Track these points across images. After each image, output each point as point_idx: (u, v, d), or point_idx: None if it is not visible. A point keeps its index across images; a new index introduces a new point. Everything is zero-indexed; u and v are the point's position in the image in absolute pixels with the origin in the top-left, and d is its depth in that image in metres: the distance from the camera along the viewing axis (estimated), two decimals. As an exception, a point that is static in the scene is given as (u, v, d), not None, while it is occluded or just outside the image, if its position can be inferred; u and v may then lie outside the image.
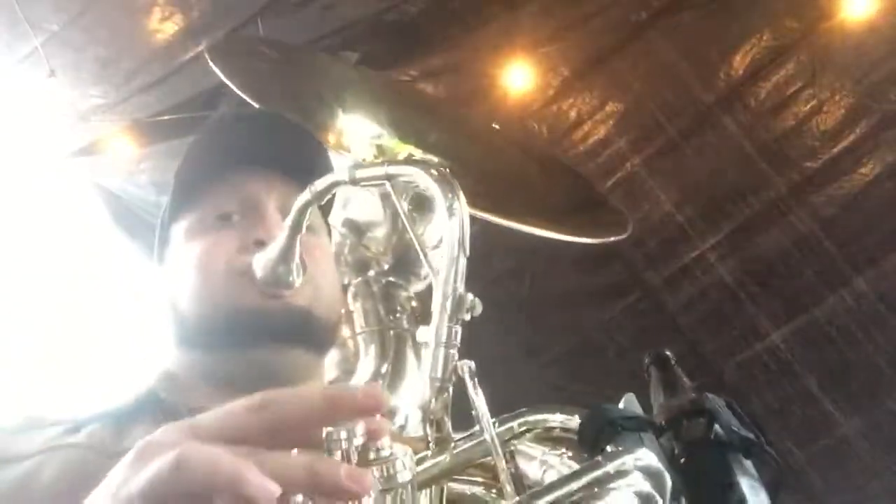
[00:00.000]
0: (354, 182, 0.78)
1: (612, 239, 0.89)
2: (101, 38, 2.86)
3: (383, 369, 0.80)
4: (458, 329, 0.71)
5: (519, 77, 3.16)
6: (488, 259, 3.25)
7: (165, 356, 1.05)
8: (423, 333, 0.71)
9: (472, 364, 0.71)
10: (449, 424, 0.70)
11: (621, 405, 0.79)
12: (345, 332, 1.04)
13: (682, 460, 0.72)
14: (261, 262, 0.89)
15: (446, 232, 0.72)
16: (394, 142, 0.95)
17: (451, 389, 0.70)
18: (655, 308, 3.56)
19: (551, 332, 3.69)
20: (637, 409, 0.79)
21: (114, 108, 3.04)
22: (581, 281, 3.51)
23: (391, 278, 0.88)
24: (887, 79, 3.04)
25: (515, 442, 0.71)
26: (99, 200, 3.42)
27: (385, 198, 0.82)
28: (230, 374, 0.96)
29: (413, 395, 0.80)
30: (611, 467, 0.62)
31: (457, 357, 0.70)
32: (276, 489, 0.52)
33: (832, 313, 3.38)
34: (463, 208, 0.72)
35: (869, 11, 2.93)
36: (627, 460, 0.63)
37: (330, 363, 1.08)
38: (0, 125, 3.18)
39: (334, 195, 0.84)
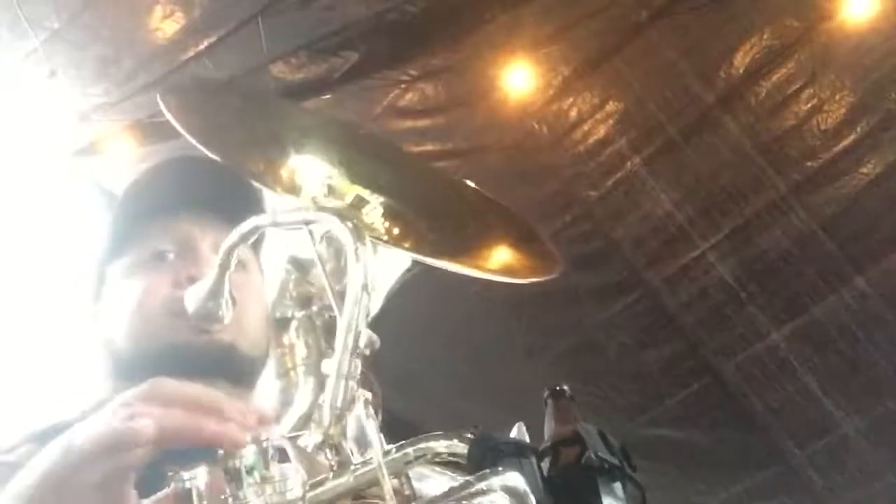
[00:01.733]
0: (276, 226, 0.86)
1: (543, 279, 0.96)
2: (102, 37, 2.86)
3: (320, 400, 0.86)
4: (358, 363, 0.79)
5: (519, 77, 3.16)
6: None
7: (99, 387, 1.11)
8: (326, 366, 0.79)
9: (369, 394, 0.79)
10: (348, 449, 0.77)
11: (513, 433, 0.89)
12: (287, 363, 1.12)
13: (556, 483, 0.79)
14: (192, 298, 0.95)
15: (351, 274, 0.81)
16: (344, 182, 1.00)
17: (348, 417, 0.78)
18: (655, 308, 3.56)
19: (551, 332, 3.69)
20: (525, 437, 0.90)
21: (115, 108, 3.04)
22: (581, 281, 3.51)
23: (333, 313, 0.93)
24: (887, 78, 3.05)
25: (411, 465, 0.79)
26: (99, 200, 3.41)
27: (328, 239, 0.89)
28: None
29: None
30: (477, 488, 0.69)
31: (356, 388, 0.78)
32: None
33: (832, 313, 3.39)
34: (368, 254, 0.81)
35: (869, 11, 2.93)
36: (494, 481, 0.70)
37: (272, 393, 1.14)
38: (0, 125, 3.18)
39: (263, 235, 0.93)
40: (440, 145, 3.24)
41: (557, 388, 0.96)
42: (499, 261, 1.04)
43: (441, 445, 0.79)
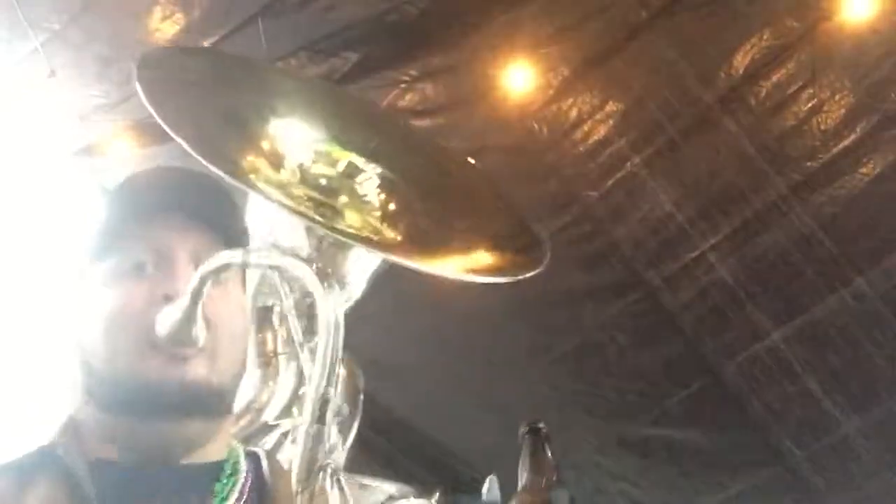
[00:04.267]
0: (246, 265, 0.86)
1: (527, 275, 0.94)
2: (102, 38, 2.86)
3: (301, 390, 0.84)
4: (325, 430, 0.79)
5: (519, 77, 3.16)
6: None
7: (72, 402, 1.09)
8: (297, 432, 0.80)
9: (336, 466, 0.79)
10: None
11: (485, 489, 0.87)
12: (268, 351, 1.10)
13: None
14: (165, 322, 0.93)
15: (320, 337, 0.80)
16: (335, 148, 0.96)
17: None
18: (655, 308, 3.56)
19: (551, 332, 3.69)
20: (496, 493, 0.88)
21: (115, 108, 3.04)
22: (581, 281, 3.51)
23: (313, 299, 0.91)
24: (887, 79, 3.04)
25: None
26: (99, 201, 3.41)
27: (308, 230, 0.87)
28: (131, 439, 1.01)
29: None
30: None
31: (326, 457, 0.79)
32: None
33: (832, 313, 3.38)
34: (338, 309, 0.80)
35: (869, 11, 2.93)
36: None
37: (252, 381, 1.13)
38: (0, 125, 3.18)
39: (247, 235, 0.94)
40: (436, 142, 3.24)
41: (533, 426, 0.93)
42: (485, 261, 1.01)
43: (403, 500, 0.79)
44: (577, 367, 3.71)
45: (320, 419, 0.78)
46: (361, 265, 0.90)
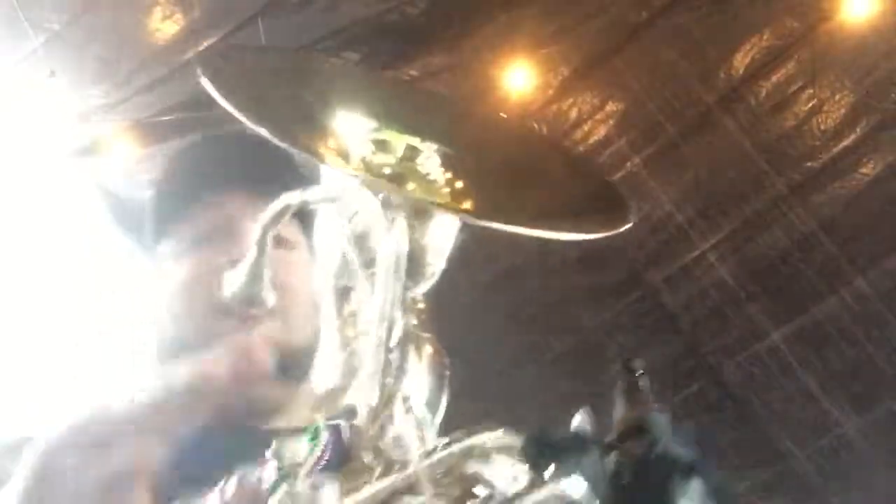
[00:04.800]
0: (305, 204, 0.82)
1: (615, 232, 0.90)
2: (102, 38, 2.86)
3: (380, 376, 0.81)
4: (394, 356, 0.73)
5: (519, 77, 3.16)
6: (488, 260, 3.25)
7: (144, 373, 1.11)
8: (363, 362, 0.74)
9: (409, 395, 0.73)
10: (392, 451, 0.71)
11: (575, 421, 0.80)
12: (349, 334, 1.06)
13: (624, 481, 0.73)
14: (231, 283, 0.89)
15: (381, 257, 0.75)
16: (393, 134, 0.95)
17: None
18: (655, 308, 3.56)
19: (551, 332, 3.69)
20: (588, 426, 0.81)
21: (114, 108, 3.04)
22: (581, 281, 3.51)
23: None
24: (887, 79, 3.05)
25: (459, 463, 0.72)
26: (99, 200, 3.41)
27: (385, 205, 0.84)
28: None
29: (416, 394, 0.81)
30: (525, 500, 0.64)
31: (393, 384, 0.72)
32: None
33: (832, 313, 3.39)
34: (401, 233, 0.75)
35: (869, 11, 2.93)
36: (544, 496, 0.64)
37: (334, 365, 1.10)
38: (0, 125, 3.18)
39: (313, 212, 0.88)
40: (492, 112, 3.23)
41: (628, 363, 0.88)
42: (569, 220, 0.98)
43: (491, 441, 0.72)
44: (577, 367, 3.71)
45: (387, 344, 0.73)
46: (440, 240, 0.87)
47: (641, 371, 0.85)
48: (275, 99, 0.98)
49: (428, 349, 0.88)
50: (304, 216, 0.99)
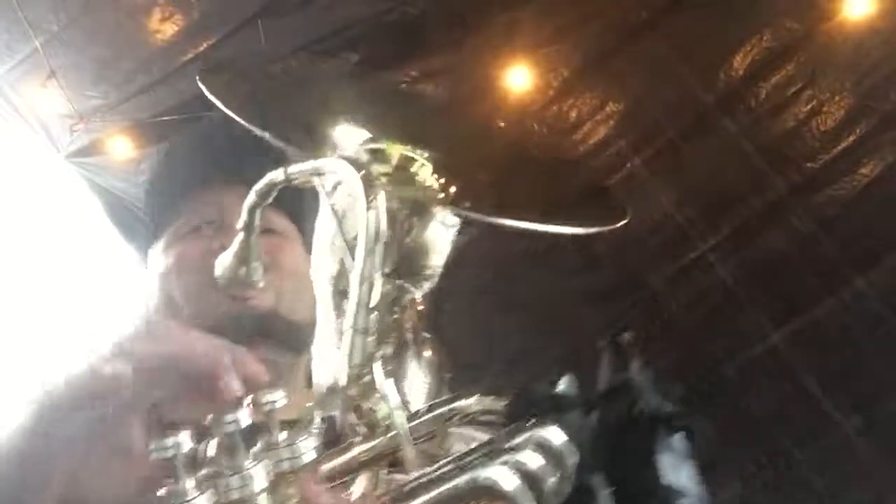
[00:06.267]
0: (289, 179, 0.83)
1: (609, 228, 0.91)
2: (101, 39, 2.87)
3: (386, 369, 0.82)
4: (375, 316, 0.74)
5: (519, 77, 3.16)
6: (488, 260, 3.25)
7: None
8: (345, 322, 0.76)
9: (387, 353, 0.74)
10: (378, 411, 0.72)
11: (560, 386, 0.80)
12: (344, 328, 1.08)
13: (606, 439, 0.72)
14: (221, 265, 0.92)
15: (361, 223, 0.77)
16: (388, 143, 0.96)
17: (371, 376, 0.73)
18: (655, 308, 3.56)
19: (551, 333, 3.69)
20: (572, 390, 0.81)
21: (114, 109, 3.05)
22: (581, 281, 3.51)
23: (397, 281, 0.90)
24: (887, 79, 3.04)
25: (444, 427, 0.73)
26: (99, 200, 3.42)
27: (366, 180, 0.86)
28: None
29: (414, 395, 0.83)
30: (505, 444, 0.64)
31: (374, 344, 0.73)
32: None
33: (832, 314, 3.38)
34: (381, 204, 0.77)
35: (869, 11, 2.93)
36: (525, 437, 0.65)
37: (331, 361, 1.10)
38: (0, 125, 3.18)
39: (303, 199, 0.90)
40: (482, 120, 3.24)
41: (617, 335, 0.88)
42: (566, 213, 1.00)
43: (475, 404, 0.74)
44: (577, 367, 3.70)
45: (367, 304, 0.74)
46: (439, 240, 0.88)
47: (630, 341, 0.85)
48: (273, 109, 0.99)
49: (427, 351, 0.89)
50: (293, 207, 1.01)
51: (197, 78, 0.84)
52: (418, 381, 0.86)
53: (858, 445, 3.54)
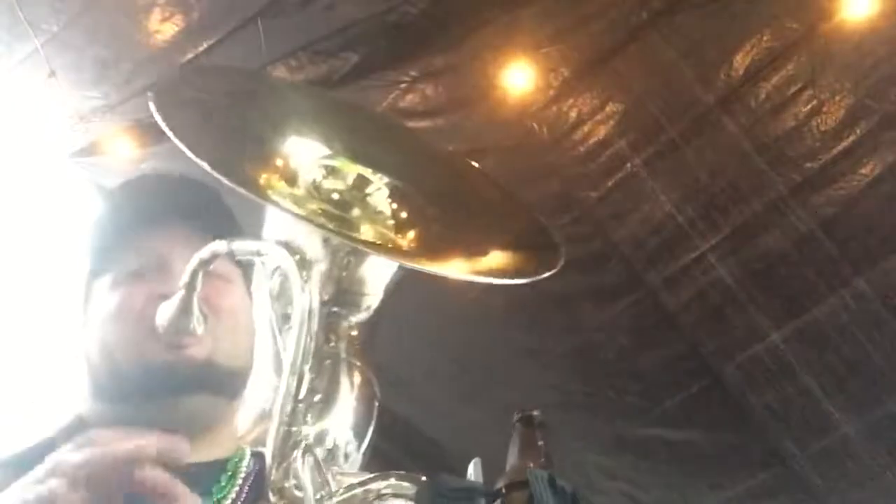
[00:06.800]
0: (232, 254, 0.89)
1: (538, 278, 0.95)
2: (102, 39, 2.87)
3: (316, 397, 0.88)
4: (301, 408, 0.81)
5: (519, 77, 3.16)
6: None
7: (77, 404, 1.14)
8: (273, 410, 0.82)
9: (309, 443, 0.81)
10: (300, 491, 0.79)
11: (470, 470, 0.88)
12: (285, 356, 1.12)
13: None
14: (163, 314, 0.96)
15: (296, 312, 0.83)
16: (345, 163, 0.99)
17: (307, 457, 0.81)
18: (655, 308, 3.56)
19: (551, 332, 3.69)
20: (480, 476, 0.89)
21: (114, 109, 3.05)
22: (581, 281, 3.51)
23: (333, 308, 0.93)
24: (887, 79, 3.04)
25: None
26: (99, 201, 3.41)
27: (325, 241, 0.90)
28: (140, 421, 1.03)
29: (343, 420, 0.91)
30: None
31: (299, 434, 0.81)
32: None
33: (832, 313, 3.38)
34: (313, 292, 0.84)
35: (869, 12, 2.93)
36: None
37: (269, 388, 1.15)
38: (0, 125, 3.18)
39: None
40: (440, 146, 3.24)
41: (526, 414, 0.95)
42: (499, 262, 1.02)
43: (388, 486, 0.80)
44: (576, 368, 3.70)
45: (296, 396, 0.80)
46: (378, 274, 0.93)
47: (540, 420, 0.92)
48: (226, 122, 1.01)
49: (357, 377, 0.93)
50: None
51: (148, 99, 0.86)
52: (348, 406, 0.93)
53: (858, 445, 3.54)
